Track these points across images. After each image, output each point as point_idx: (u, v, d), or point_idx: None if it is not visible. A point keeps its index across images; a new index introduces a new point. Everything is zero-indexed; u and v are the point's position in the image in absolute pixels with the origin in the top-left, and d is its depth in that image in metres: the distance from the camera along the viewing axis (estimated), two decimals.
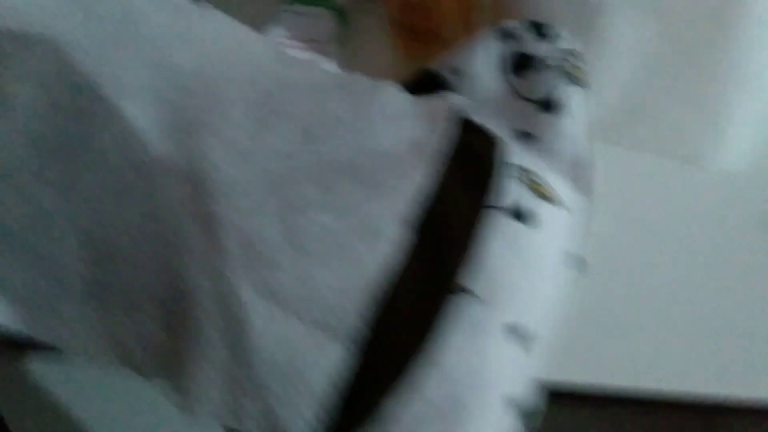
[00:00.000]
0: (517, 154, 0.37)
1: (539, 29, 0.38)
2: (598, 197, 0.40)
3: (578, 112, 0.39)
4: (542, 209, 0.36)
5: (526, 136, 0.39)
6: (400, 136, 0.36)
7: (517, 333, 0.33)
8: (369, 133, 0.36)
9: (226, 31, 0.39)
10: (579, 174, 0.39)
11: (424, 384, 0.31)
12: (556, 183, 0.38)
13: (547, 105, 0.38)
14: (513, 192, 0.35)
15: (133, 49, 0.35)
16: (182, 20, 0.38)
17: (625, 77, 0.40)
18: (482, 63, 0.39)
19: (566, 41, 0.38)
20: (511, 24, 0.38)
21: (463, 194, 0.34)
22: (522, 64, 0.38)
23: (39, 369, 0.54)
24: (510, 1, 0.41)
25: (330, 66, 0.48)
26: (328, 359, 0.30)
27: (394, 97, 0.37)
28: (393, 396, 0.31)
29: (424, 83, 0.40)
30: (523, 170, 0.37)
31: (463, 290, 0.32)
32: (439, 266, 0.32)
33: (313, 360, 0.30)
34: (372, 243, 0.32)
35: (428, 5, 0.41)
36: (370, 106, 0.36)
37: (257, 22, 0.51)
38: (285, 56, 0.40)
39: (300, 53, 0.49)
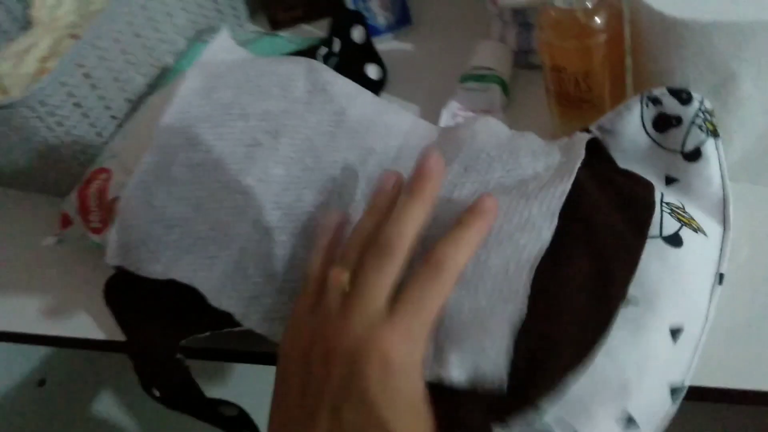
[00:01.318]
0: (666, 194, 0.45)
1: (679, 94, 0.45)
2: (739, 229, 0.47)
3: (714, 158, 0.46)
4: (689, 236, 0.44)
5: (670, 180, 0.48)
6: (542, 165, 0.46)
7: (673, 331, 0.41)
8: (516, 165, 0.46)
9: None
10: (718, 210, 0.47)
11: (597, 368, 0.39)
12: (699, 216, 0.46)
13: (688, 155, 0.46)
14: (667, 223, 0.43)
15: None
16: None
17: (758, 128, 0.46)
18: (629, 123, 0.47)
19: (701, 102, 0.45)
20: (656, 91, 0.46)
21: (625, 223, 0.43)
22: (664, 124, 0.46)
23: None
24: (651, 72, 0.49)
25: None
26: (508, 317, 0.39)
27: (535, 139, 0.48)
28: (571, 375, 0.39)
29: None
30: (672, 206, 0.45)
31: (631, 301, 0.41)
32: (610, 281, 0.41)
33: (496, 320, 0.39)
34: (531, 233, 0.41)
35: (582, 79, 0.50)
36: (516, 147, 0.47)
37: (438, 97, 0.62)
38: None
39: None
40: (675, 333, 0.41)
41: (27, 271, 0.67)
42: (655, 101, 0.46)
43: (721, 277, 0.44)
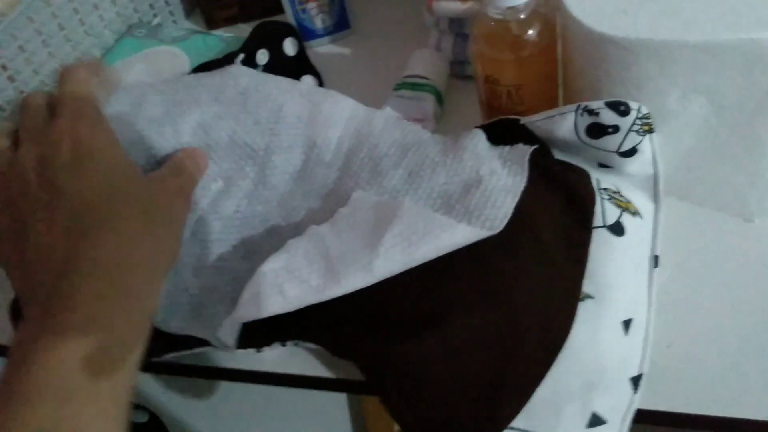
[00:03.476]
0: (602, 180, 0.46)
1: (617, 107, 0.45)
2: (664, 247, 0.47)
3: (648, 149, 0.46)
4: (629, 221, 0.44)
5: (603, 166, 0.47)
6: (486, 168, 0.45)
7: (625, 323, 0.41)
8: (460, 169, 0.46)
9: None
10: (649, 185, 0.47)
11: (561, 373, 0.39)
12: (634, 197, 0.46)
13: (624, 153, 0.46)
14: (609, 212, 0.44)
15: None
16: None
17: (683, 144, 0.47)
18: (560, 128, 0.47)
19: (638, 110, 0.45)
20: (593, 104, 0.45)
21: (569, 216, 0.43)
22: (599, 131, 0.46)
23: None
24: (580, 87, 0.49)
25: None
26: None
27: (480, 138, 0.48)
28: (539, 382, 0.39)
29: (503, 128, 0.49)
30: (610, 192, 0.45)
31: (587, 296, 0.41)
32: (563, 280, 0.41)
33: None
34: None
35: (514, 91, 0.50)
36: (461, 148, 0.47)
37: (373, 104, 0.61)
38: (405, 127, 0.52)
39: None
40: (627, 324, 0.42)
41: None
42: (591, 113, 0.45)
43: (656, 260, 0.45)
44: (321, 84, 0.64)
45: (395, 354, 0.40)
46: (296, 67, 0.61)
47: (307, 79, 0.61)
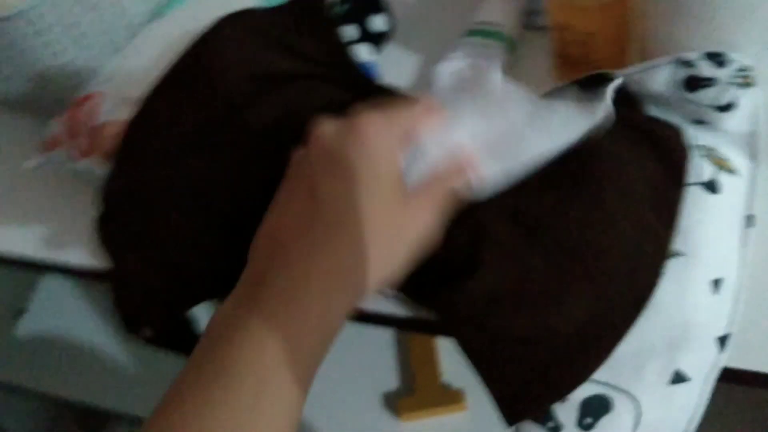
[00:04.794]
0: (697, 136, 0.44)
1: (715, 58, 0.43)
2: None
3: (747, 104, 0.44)
4: (725, 179, 0.43)
5: (699, 122, 0.46)
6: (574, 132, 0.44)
7: (715, 282, 0.41)
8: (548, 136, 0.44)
9: None
10: (747, 143, 0.45)
11: (646, 329, 0.39)
12: (731, 154, 0.45)
13: (722, 108, 0.44)
14: (704, 169, 0.42)
15: None
16: None
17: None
18: (655, 82, 0.45)
19: (739, 62, 0.43)
20: (691, 55, 0.43)
21: (660, 172, 0.42)
22: (696, 84, 0.44)
23: None
24: (655, 39, 0.48)
25: None
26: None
27: (564, 104, 0.46)
28: (623, 337, 0.39)
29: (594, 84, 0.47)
30: (706, 148, 0.44)
31: (677, 254, 0.40)
32: (653, 236, 0.41)
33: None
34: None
35: (587, 39, 0.49)
36: (548, 120, 0.45)
37: (438, 51, 0.61)
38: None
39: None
40: (717, 283, 0.41)
41: (11, 193, 0.67)
42: (688, 64, 0.44)
43: (749, 219, 0.43)
44: (392, 22, 0.63)
45: (478, 301, 0.41)
46: (368, 4, 0.61)
47: (378, 19, 0.61)
